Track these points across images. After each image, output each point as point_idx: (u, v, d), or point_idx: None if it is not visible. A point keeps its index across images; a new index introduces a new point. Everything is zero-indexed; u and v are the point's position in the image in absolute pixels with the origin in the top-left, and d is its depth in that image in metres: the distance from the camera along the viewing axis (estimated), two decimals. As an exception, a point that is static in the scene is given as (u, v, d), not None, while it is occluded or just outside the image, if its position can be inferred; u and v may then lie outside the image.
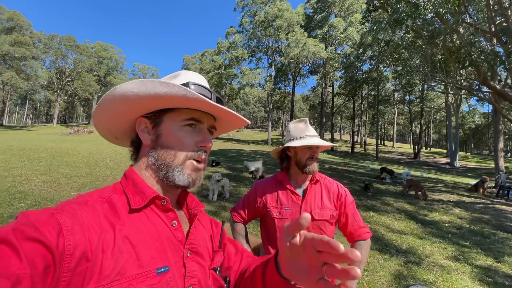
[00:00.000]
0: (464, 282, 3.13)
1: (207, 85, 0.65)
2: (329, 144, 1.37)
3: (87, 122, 55.06)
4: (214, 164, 10.24)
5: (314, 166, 1.31)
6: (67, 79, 45.04)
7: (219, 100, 0.64)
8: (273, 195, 1.37)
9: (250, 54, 35.47)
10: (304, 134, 1.31)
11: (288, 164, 1.41)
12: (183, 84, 0.58)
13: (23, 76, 38.01)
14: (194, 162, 0.60)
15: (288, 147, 1.34)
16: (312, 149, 1.31)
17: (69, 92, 46.88)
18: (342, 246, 0.33)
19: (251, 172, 8.86)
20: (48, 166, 8.01)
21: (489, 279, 3.26)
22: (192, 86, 0.59)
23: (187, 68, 46.53)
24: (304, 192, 1.35)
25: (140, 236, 0.51)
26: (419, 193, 7.36)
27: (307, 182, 1.37)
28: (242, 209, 1.44)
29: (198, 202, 0.68)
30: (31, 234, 0.38)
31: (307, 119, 1.41)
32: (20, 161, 8.27)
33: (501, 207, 7.25)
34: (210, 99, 0.61)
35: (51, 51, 43.24)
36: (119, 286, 0.44)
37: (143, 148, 0.62)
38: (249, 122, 0.72)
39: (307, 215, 0.36)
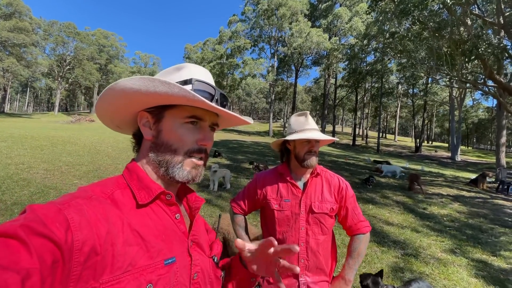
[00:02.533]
0: (459, 275, 3.18)
1: (212, 81, 0.64)
2: (329, 138, 1.34)
3: (88, 111, 54.96)
4: (216, 154, 10.29)
5: (313, 160, 1.29)
6: (68, 67, 44.72)
7: (223, 97, 0.63)
8: (273, 187, 1.38)
9: (252, 44, 34.89)
10: (304, 128, 1.31)
11: (288, 157, 1.41)
12: (186, 80, 0.58)
13: (23, 63, 37.65)
14: (194, 160, 0.60)
15: (288, 140, 1.34)
16: (311, 143, 1.30)
17: (70, 80, 46.63)
18: (296, 247, 0.52)
19: (251, 163, 8.89)
20: (51, 154, 8.06)
21: (485, 273, 3.31)
22: (196, 83, 0.58)
23: (188, 58, 45.99)
24: (305, 185, 1.35)
25: (148, 229, 0.53)
26: (418, 187, 7.40)
27: (308, 175, 1.37)
28: (242, 200, 1.46)
29: (198, 196, 0.70)
30: (40, 229, 0.39)
31: (308, 112, 1.39)
32: (22, 148, 8.32)
33: (500, 202, 7.28)
34: (214, 96, 0.61)
35: (51, 37, 42.75)
36: (131, 276, 0.47)
37: (145, 142, 0.62)
38: (252, 121, 0.72)
39: (296, 248, 0.51)
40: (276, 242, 0.54)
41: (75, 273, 0.41)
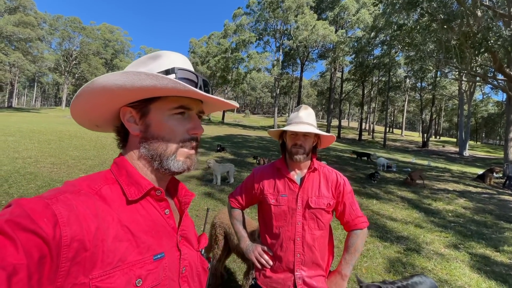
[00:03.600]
0: (462, 271, 3.16)
1: (192, 67, 0.62)
2: (320, 132, 1.29)
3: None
4: (219, 149, 10.31)
5: (298, 154, 1.27)
6: (74, 62, 45.10)
7: (205, 83, 0.61)
8: (270, 182, 1.37)
9: (257, 37, 34.50)
10: (293, 121, 1.30)
11: (284, 151, 1.41)
12: (168, 70, 0.56)
13: (29, 58, 38.05)
14: (186, 149, 0.60)
15: (282, 133, 1.35)
16: (297, 136, 1.29)
17: (76, 75, 47.09)
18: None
19: (255, 157, 8.90)
20: (57, 148, 8.20)
21: (487, 268, 3.28)
22: (179, 72, 0.56)
23: (193, 52, 45.83)
24: (302, 180, 1.35)
25: (138, 225, 0.53)
26: (421, 181, 7.33)
27: (305, 170, 1.36)
28: (239, 195, 1.46)
29: (188, 191, 0.70)
30: (27, 225, 0.38)
31: (305, 106, 1.37)
32: (30, 143, 8.49)
33: (507, 197, 7.16)
34: (197, 83, 0.59)
35: (57, 32, 43.03)
36: (121, 272, 0.47)
37: (132, 138, 0.61)
38: (238, 105, 0.70)
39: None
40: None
41: (63, 269, 0.41)
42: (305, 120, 1.28)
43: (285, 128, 1.29)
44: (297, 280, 1.27)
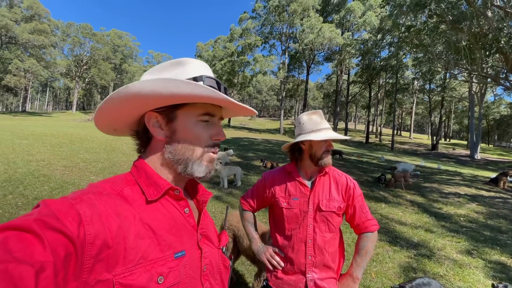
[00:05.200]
0: (476, 277, 3.09)
1: (213, 74, 0.64)
2: (344, 137, 1.37)
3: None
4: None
5: (329, 159, 1.32)
6: (85, 67, 46.20)
7: (225, 89, 0.63)
8: (282, 186, 1.39)
9: (263, 41, 34.69)
10: (320, 127, 1.31)
11: (300, 156, 1.40)
12: (196, 78, 0.58)
13: (43, 63, 39.22)
14: (211, 154, 0.62)
15: (303, 140, 1.33)
16: (328, 142, 1.32)
17: (86, 80, 48.18)
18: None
19: (262, 160, 8.91)
20: (69, 151, 8.39)
21: (503, 275, 3.19)
22: (206, 80, 0.58)
23: (200, 56, 46.30)
24: (313, 183, 1.36)
25: (159, 223, 0.55)
26: (406, 183, 7.22)
27: (316, 174, 1.38)
28: (251, 198, 1.48)
29: (205, 190, 0.71)
30: (54, 224, 0.40)
31: (321, 111, 1.39)
32: (43, 146, 8.71)
33: (522, 202, 6.95)
34: (220, 90, 0.61)
35: (69, 39, 44.26)
36: (143, 269, 0.49)
37: (156, 143, 0.62)
38: (257, 112, 0.72)
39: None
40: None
41: (87, 265, 0.43)
42: (328, 125, 1.33)
43: (323, 137, 1.25)
44: (308, 282, 1.28)
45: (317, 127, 1.31)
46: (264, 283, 1.41)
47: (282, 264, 1.33)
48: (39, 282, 0.36)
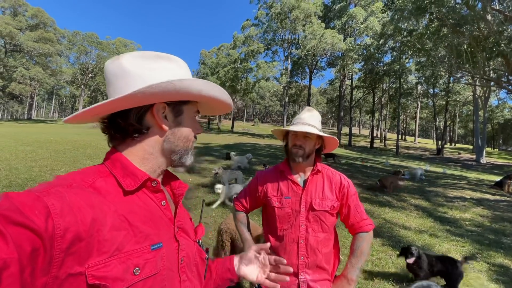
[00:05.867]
0: (479, 281, 3.01)
1: None
2: (319, 133, 1.27)
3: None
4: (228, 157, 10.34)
5: (297, 154, 1.28)
6: (90, 75, 46.95)
7: None
8: (274, 185, 1.38)
9: (266, 47, 35.04)
10: (296, 122, 1.31)
11: (287, 152, 1.41)
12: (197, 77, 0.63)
13: (48, 72, 39.89)
14: (193, 145, 0.70)
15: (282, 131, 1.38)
16: (297, 136, 1.30)
17: (92, 87, 48.91)
18: (285, 261, 0.81)
19: (264, 165, 8.87)
20: (72, 157, 8.47)
21: (506, 278, 3.10)
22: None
23: (203, 63, 46.82)
24: (305, 182, 1.34)
25: (135, 215, 0.54)
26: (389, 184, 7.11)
27: (308, 172, 1.36)
28: (244, 198, 1.47)
29: (182, 182, 0.72)
30: (17, 218, 0.38)
31: (312, 108, 1.38)
32: (46, 152, 8.80)
33: (529, 206, 6.79)
34: None
35: (75, 47, 45.10)
36: (118, 260, 0.48)
37: (155, 133, 0.61)
38: (232, 107, 0.74)
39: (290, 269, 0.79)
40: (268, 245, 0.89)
41: (57, 260, 0.41)
42: (307, 121, 1.29)
43: (285, 128, 1.32)
44: (301, 284, 1.25)
45: (296, 121, 1.31)
46: (257, 285, 1.38)
47: None
48: (3, 280, 0.34)
